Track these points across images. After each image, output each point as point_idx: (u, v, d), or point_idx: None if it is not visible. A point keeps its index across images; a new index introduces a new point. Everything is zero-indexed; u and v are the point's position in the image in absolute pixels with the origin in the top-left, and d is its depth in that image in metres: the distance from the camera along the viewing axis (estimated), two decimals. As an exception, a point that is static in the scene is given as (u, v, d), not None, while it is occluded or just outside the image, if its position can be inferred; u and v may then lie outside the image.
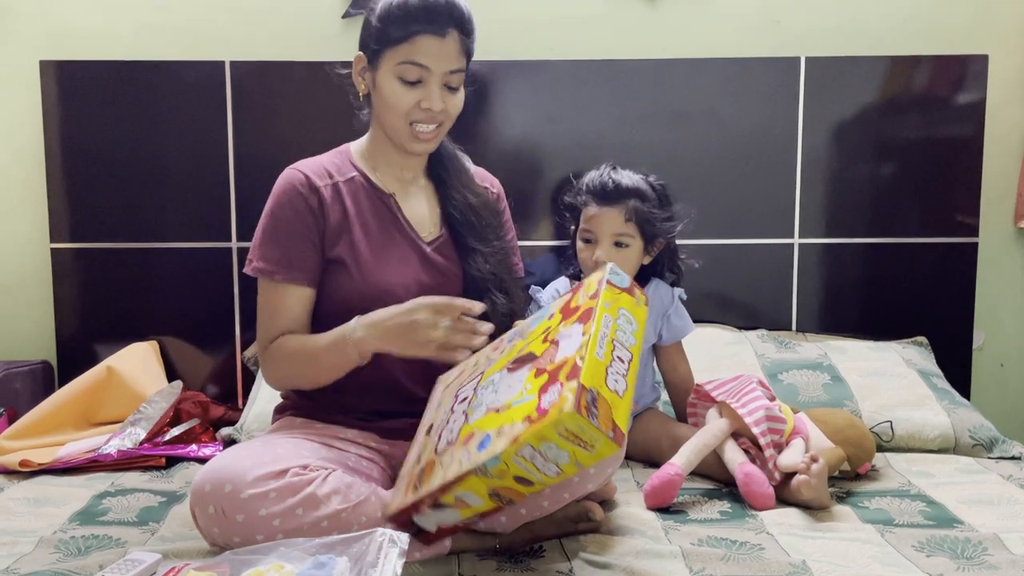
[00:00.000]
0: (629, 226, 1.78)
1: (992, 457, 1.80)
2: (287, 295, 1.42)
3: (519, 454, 1.06)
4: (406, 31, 1.38)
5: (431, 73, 1.39)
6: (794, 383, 1.95)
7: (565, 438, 1.03)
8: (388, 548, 1.09)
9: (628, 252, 1.79)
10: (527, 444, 1.05)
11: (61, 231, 2.19)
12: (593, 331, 1.11)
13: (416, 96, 1.40)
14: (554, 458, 1.05)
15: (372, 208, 1.46)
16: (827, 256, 2.24)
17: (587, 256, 1.81)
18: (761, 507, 1.50)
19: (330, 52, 2.20)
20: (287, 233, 1.42)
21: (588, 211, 1.81)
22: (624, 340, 1.15)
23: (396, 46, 1.38)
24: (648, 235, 1.79)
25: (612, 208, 1.78)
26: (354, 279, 1.42)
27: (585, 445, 1.03)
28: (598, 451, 1.04)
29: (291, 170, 1.46)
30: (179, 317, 2.21)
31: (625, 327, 1.17)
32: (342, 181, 1.46)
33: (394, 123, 1.42)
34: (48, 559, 1.28)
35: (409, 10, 1.38)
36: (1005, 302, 2.32)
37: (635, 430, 1.80)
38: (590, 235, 1.81)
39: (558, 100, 2.20)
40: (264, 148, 2.17)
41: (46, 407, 1.94)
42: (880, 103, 2.20)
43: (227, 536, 1.20)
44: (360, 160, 1.50)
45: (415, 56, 1.38)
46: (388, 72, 1.40)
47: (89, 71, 2.16)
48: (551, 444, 1.04)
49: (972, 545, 1.32)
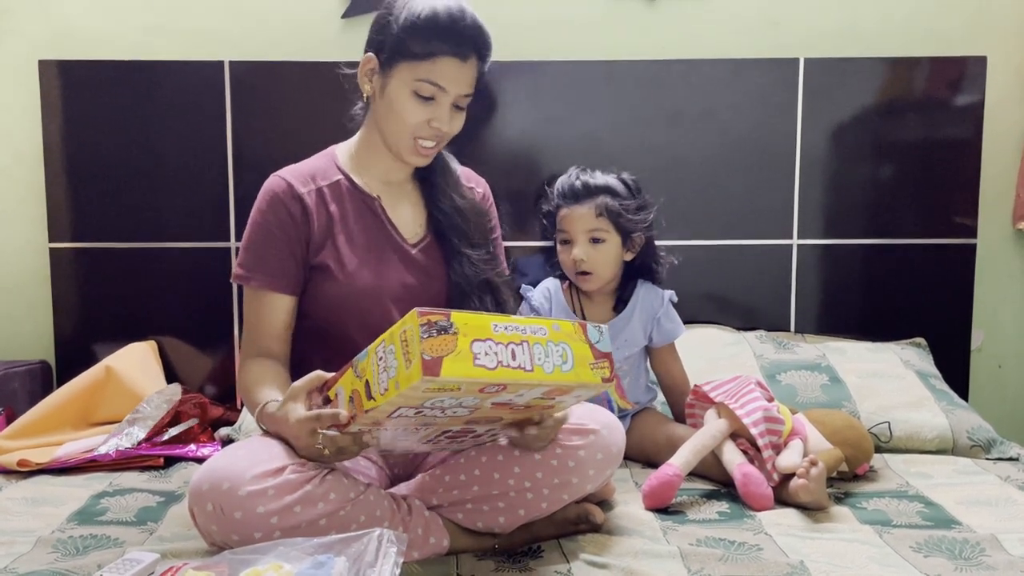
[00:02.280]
0: (601, 221, 1.80)
1: (990, 458, 1.80)
2: (267, 303, 1.42)
3: (377, 351, 1.08)
4: (429, 49, 1.36)
5: (446, 94, 1.39)
6: (792, 384, 1.95)
7: (402, 341, 1.04)
8: (387, 548, 1.09)
9: (605, 248, 1.81)
10: (383, 340, 1.07)
11: (60, 231, 2.19)
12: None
13: (427, 113, 1.39)
14: (388, 365, 1.06)
15: (356, 211, 1.46)
16: (826, 257, 2.25)
17: (566, 257, 1.85)
18: (759, 508, 1.50)
19: (329, 52, 2.20)
20: (268, 242, 1.42)
21: (561, 213, 1.85)
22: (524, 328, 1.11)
23: (416, 61, 1.37)
24: (623, 229, 1.81)
25: (582, 206, 1.81)
26: (339, 283, 1.42)
27: (408, 358, 1.02)
28: (408, 374, 1.02)
29: (274, 177, 1.45)
30: (178, 317, 2.21)
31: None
32: (326, 185, 1.45)
33: (398, 134, 1.42)
34: (46, 559, 1.28)
35: (437, 28, 1.35)
36: (1003, 303, 2.32)
37: (632, 430, 1.80)
38: (566, 235, 1.84)
39: (557, 101, 2.20)
40: (263, 148, 2.17)
41: (44, 407, 1.94)
42: (879, 104, 2.21)
43: (225, 534, 1.20)
44: (346, 163, 1.49)
45: (434, 76, 1.37)
46: (403, 84, 1.38)
47: (88, 71, 2.16)
48: (391, 347, 1.05)
49: (970, 546, 1.32)
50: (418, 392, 1.03)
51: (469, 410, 1.12)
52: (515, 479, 1.30)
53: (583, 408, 1.35)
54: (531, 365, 1.07)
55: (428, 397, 1.05)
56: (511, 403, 1.12)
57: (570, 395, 1.14)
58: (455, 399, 1.07)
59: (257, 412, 1.34)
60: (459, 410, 1.11)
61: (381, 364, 1.08)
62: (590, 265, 1.81)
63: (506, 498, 1.31)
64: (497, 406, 1.13)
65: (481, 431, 1.23)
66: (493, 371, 1.04)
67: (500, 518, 1.32)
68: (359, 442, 1.18)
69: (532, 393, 1.10)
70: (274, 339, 1.43)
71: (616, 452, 1.34)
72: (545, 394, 1.12)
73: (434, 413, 1.11)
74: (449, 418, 1.14)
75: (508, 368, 1.05)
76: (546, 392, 1.11)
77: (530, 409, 1.17)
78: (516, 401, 1.12)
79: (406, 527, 1.27)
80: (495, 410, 1.14)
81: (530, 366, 1.06)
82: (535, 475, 1.30)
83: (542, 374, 1.07)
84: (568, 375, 1.09)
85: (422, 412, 1.10)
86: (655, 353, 1.89)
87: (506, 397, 1.10)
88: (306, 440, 1.19)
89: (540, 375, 1.07)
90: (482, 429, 1.23)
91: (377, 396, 1.07)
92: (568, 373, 1.09)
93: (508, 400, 1.11)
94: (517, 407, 1.15)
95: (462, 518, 1.33)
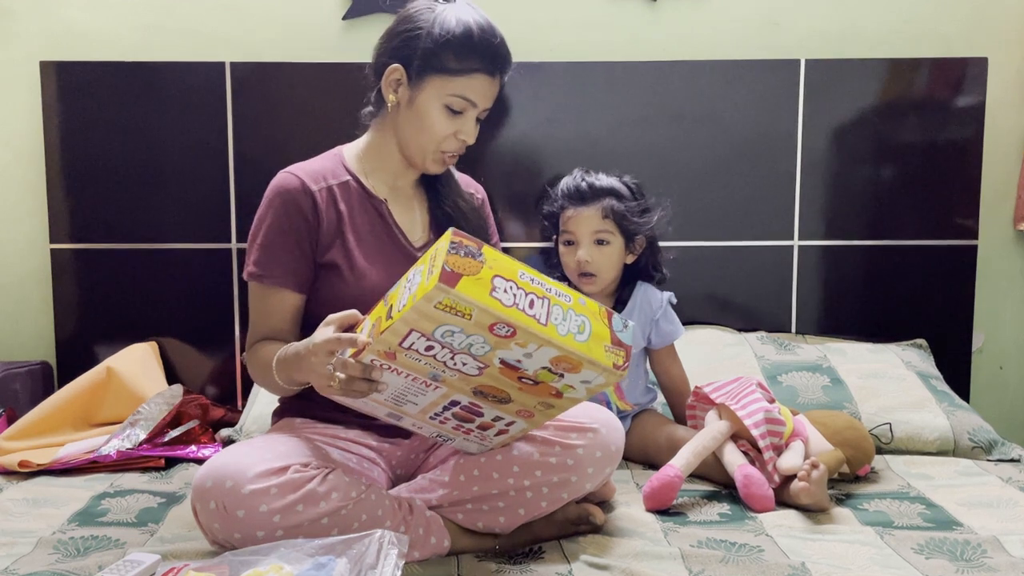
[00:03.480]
0: (607, 223, 1.81)
1: (991, 459, 1.80)
2: (275, 299, 1.42)
3: (409, 274, 1.10)
4: (466, 66, 1.38)
5: (475, 108, 1.42)
6: (794, 385, 1.95)
7: (431, 257, 1.06)
8: (388, 550, 1.09)
9: (609, 249, 1.81)
10: (416, 264, 1.11)
11: (61, 232, 2.19)
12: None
13: (455, 126, 1.42)
14: (413, 283, 1.07)
15: (364, 213, 1.46)
16: (827, 258, 2.25)
17: (570, 259, 1.84)
18: (760, 509, 1.50)
19: (331, 54, 2.20)
20: (281, 239, 1.41)
21: (566, 214, 1.85)
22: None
23: (451, 76, 1.38)
24: (627, 232, 1.81)
25: (589, 207, 1.81)
26: (348, 283, 1.42)
27: (431, 269, 1.04)
28: (426, 285, 1.03)
29: (284, 173, 1.45)
30: (179, 318, 2.21)
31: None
32: (336, 184, 1.46)
33: (424, 145, 1.43)
34: (47, 560, 1.28)
35: (474, 45, 1.38)
36: (1004, 304, 2.32)
37: (633, 431, 1.80)
38: (571, 237, 1.84)
39: (558, 102, 2.20)
40: (264, 149, 2.17)
41: (45, 408, 1.94)
42: (880, 105, 2.21)
43: (227, 532, 1.20)
44: (353, 164, 1.50)
45: (468, 92, 1.40)
46: (435, 98, 1.40)
47: (89, 72, 2.16)
48: (421, 267, 1.08)
49: (971, 547, 1.32)
50: (431, 307, 1.03)
51: (478, 366, 1.12)
52: (514, 478, 1.30)
53: (582, 407, 1.35)
54: (546, 320, 1.08)
55: (440, 322, 1.05)
56: (520, 366, 1.12)
57: (578, 377, 1.13)
58: (465, 336, 1.07)
59: (276, 359, 1.31)
60: (468, 360, 1.11)
61: (407, 285, 1.09)
62: (594, 267, 1.81)
63: (506, 497, 1.31)
64: (506, 370, 1.12)
65: (489, 416, 1.23)
66: (507, 308, 1.05)
67: (500, 518, 1.32)
68: (368, 376, 1.15)
69: (541, 357, 1.10)
70: (281, 334, 1.43)
71: (615, 451, 1.35)
72: (554, 363, 1.11)
73: (444, 356, 1.10)
74: (459, 375, 1.14)
75: (522, 312, 1.06)
76: (555, 360, 1.10)
77: (538, 389, 1.16)
78: (525, 365, 1.11)
79: (407, 527, 1.27)
80: (504, 376, 1.13)
81: (544, 320, 1.07)
82: (534, 474, 1.30)
83: (555, 333, 1.08)
84: (581, 345, 1.10)
85: (432, 350, 1.10)
86: (654, 355, 1.89)
87: (516, 354, 1.10)
88: (322, 360, 1.18)
89: (552, 333, 1.08)
90: (490, 414, 1.22)
91: (395, 315, 1.08)
92: (581, 344, 1.10)
93: (517, 360, 1.11)
94: (525, 377, 1.14)
95: (462, 518, 1.33)
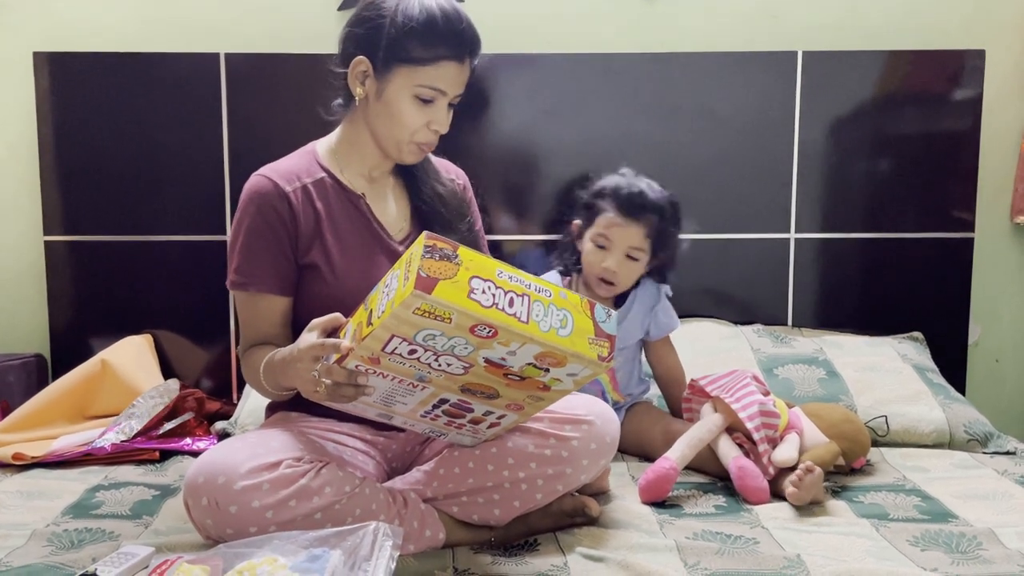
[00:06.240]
0: (646, 242, 1.78)
1: (987, 452, 1.80)
2: (261, 305, 1.40)
3: (386, 279, 1.08)
4: (432, 54, 1.34)
5: (445, 96, 1.39)
6: (790, 378, 1.95)
7: (406, 263, 1.04)
8: (382, 541, 1.08)
9: (637, 265, 1.80)
10: (393, 268, 1.08)
11: (55, 224, 2.18)
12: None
13: (427, 116, 1.38)
14: (391, 288, 1.05)
15: (342, 209, 1.44)
16: (823, 251, 2.24)
17: (596, 260, 1.79)
18: (756, 501, 1.50)
19: (325, 45, 2.16)
20: (261, 245, 1.39)
21: (609, 218, 1.78)
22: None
23: (417, 66, 1.35)
24: (657, 251, 1.81)
25: (636, 223, 1.77)
26: (328, 284, 1.40)
27: (407, 275, 1.02)
28: (402, 291, 1.01)
29: (257, 176, 1.42)
30: (173, 310, 2.20)
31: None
32: (310, 183, 1.43)
33: (397, 137, 1.40)
34: (41, 552, 1.27)
35: (439, 32, 1.34)
36: (1001, 297, 2.32)
37: (628, 424, 1.80)
38: (604, 242, 1.79)
39: (555, 94, 2.19)
40: (259, 141, 2.16)
41: (39, 400, 1.94)
42: (877, 98, 2.20)
43: (220, 528, 1.20)
44: (328, 160, 1.47)
45: (436, 81, 1.36)
46: (403, 89, 1.36)
47: (83, 63, 2.15)
48: (398, 271, 1.06)
49: (967, 540, 1.32)
50: (409, 313, 1.02)
51: (463, 366, 1.11)
52: (509, 470, 1.30)
53: (577, 399, 1.34)
54: (527, 318, 1.06)
55: (420, 327, 1.04)
56: (504, 364, 1.11)
57: (564, 371, 1.12)
58: (447, 339, 1.06)
59: (264, 363, 1.31)
60: (452, 361, 1.10)
61: (385, 290, 1.08)
62: (618, 278, 1.79)
63: (501, 490, 1.31)
64: (491, 368, 1.11)
65: (479, 411, 1.22)
66: (486, 309, 1.03)
67: (495, 510, 1.32)
68: (354, 381, 1.14)
69: (525, 354, 1.09)
70: (271, 338, 1.42)
71: (610, 442, 1.34)
72: (538, 359, 1.10)
73: (428, 359, 1.09)
74: (444, 375, 1.13)
75: (502, 312, 1.04)
76: (539, 356, 1.09)
77: (525, 384, 1.15)
78: (510, 363, 1.10)
79: (402, 520, 1.27)
80: (489, 374, 1.12)
81: (526, 318, 1.06)
82: (529, 466, 1.30)
83: (536, 330, 1.06)
84: (564, 340, 1.08)
85: (415, 353, 1.09)
86: (651, 346, 1.89)
87: (499, 353, 1.08)
88: (307, 366, 1.17)
89: (534, 330, 1.06)
90: (480, 409, 1.22)
91: (375, 321, 1.07)
92: (564, 338, 1.08)
93: (502, 359, 1.09)
94: (511, 374, 1.13)
95: (457, 511, 1.32)
